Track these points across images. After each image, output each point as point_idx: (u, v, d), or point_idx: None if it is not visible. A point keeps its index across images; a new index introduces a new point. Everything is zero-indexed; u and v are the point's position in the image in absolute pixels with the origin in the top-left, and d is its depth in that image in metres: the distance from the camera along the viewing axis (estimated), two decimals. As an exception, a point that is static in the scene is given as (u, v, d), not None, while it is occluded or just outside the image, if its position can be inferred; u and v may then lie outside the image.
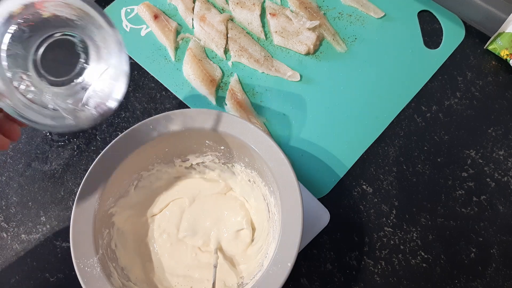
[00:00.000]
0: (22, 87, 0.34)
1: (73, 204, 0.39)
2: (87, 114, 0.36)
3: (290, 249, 0.37)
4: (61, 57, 0.36)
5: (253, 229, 0.46)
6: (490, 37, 0.56)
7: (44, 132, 0.55)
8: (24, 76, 0.35)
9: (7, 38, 0.33)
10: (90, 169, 0.40)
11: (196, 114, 0.42)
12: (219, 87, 0.56)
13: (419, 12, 0.60)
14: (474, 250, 0.47)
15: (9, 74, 0.34)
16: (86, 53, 0.36)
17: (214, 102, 0.55)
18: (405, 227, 0.48)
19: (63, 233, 0.49)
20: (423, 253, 0.47)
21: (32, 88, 0.35)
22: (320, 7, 0.61)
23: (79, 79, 0.36)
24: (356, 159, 0.51)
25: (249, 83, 0.56)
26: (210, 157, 0.46)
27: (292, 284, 0.46)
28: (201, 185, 0.48)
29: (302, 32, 0.58)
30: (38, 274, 0.48)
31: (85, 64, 0.36)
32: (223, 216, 0.47)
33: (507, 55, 0.54)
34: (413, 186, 0.50)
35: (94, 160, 0.40)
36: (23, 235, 0.50)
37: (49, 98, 0.36)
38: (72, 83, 0.36)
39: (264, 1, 0.61)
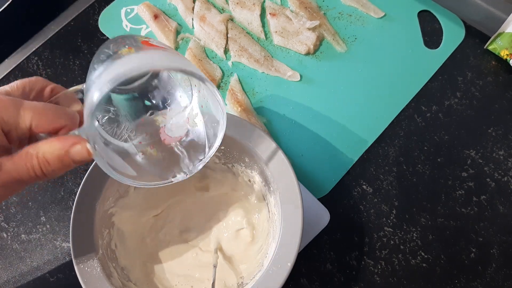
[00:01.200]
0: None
1: (73, 204, 0.39)
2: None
3: (290, 249, 0.37)
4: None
5: (253, 229, 0.46)
6: (490, 37, 0.56)
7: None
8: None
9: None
10: (90, 169, 0.40)
11: (196, 114, 0.42)
12: (219, 87, 0.56)
13: (419, 12, 0.60)
14: (474, 250, 0.47)
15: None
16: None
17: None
18: (405, 227, 0.48)
19: (63, 233, 0.49)
20: (423, 253, 0.47)
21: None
22: (320, 7, 0.61)
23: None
24: (356, 159, 0.51)
25: (249, 83, 0.56)
26: (210, 157, 0.46)
27: (292, 284, 0.46)
28: (201, 186, 0.48)
29: (302, 32, 0.58)
30: (38, 274, 0.48)
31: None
32: (223, 216, 0.47)
33: (507, 55, 0.54)
34: (413, 186, 0.50)
35: (94, 160, 0.40)
36: (23, 235, 0.49)
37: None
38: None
39: (264, 1, 0.62)
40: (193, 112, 0.36)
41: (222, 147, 0.44)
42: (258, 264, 0.42)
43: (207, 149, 0.36)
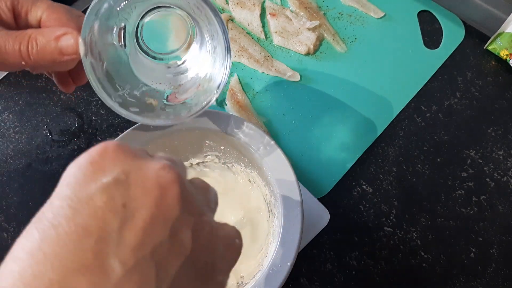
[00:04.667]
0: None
1: (73, 204, 0.39)
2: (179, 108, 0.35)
3: (290, 249, 0.37)
4: (165, 33, 0.35)
5: (253, 229, 0.46)
6: (490, 37, 0.56)
7: (44, 132, 0.55)
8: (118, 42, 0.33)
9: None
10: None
11: (196, 114, 0.42)
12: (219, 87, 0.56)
13: (419, 12, 0.60)
14: (474, 250, 0.47)
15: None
16: (194, 34, 0.35)
17: (214, 102, 0.55)
18: (405, 227, 0.48)
19: (64, 233, 0.49)
20: (423, 253, 0.47)
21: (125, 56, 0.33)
22: (320, 7, 0.61)
23: (182, 61, 0.35)
24: (356, 159, 0.51)
25: (249, 83, 0.56)
26: (210, 157, 0.46)
27: (292, 284, 0.46)
28: (201, 185, 0.48)
29: (302, 32, 0.58)
30: (39, 274, 0.48)
31: (191, 46, 0.35)
32: (223, 216, 0.47)
33: (506, 55, 0.55)
34: (413, 186, 0.50)
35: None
36: (23, 235, 0.50)
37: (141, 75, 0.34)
38: (172, 63, 0.35)
39: (264, 1, 0.62)
40: (206, 78, 0.36)
41: (222, 147, 0.44)
42: (258, 264, 0.42)
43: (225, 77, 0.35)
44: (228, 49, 0.32)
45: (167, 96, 0.36)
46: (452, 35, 0.58)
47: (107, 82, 0.32)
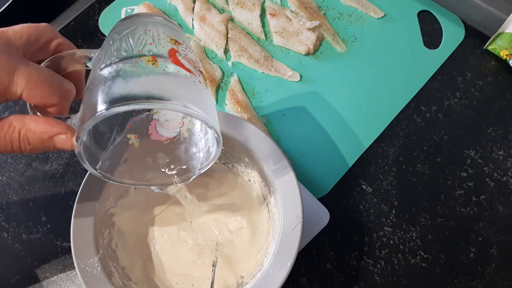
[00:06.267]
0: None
1: (73, 204, 0.39)
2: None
3: (290, 249, 0.37)
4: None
5: (253, 229, 0.46)
6: (490, 37, 0.56)
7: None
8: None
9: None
10: (90, 169, 0.40)
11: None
12: (219, 87, 0.56)
13: (419, 12, 0.60)
14: (473, 250, 0.47)
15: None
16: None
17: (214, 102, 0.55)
18: (404, 227, 0.48)
19: (64, 233, 0.49)
20: (422, 253, 0.47)
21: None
22: (320, 7, 0.61)
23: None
24: (356, 159, 0.51)
25: (249, 83, 0.57)
26: (210, 157, 0.46)
27: (292, 284, 0.46)
28: (201, 185, 0.48)
29: (302, 32, 0.58)
30: (39, 274, 0.48)
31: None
32: (223, 216, 0.47)
33: (506, 55, 0.55)
34: (413, 186, 0.50)
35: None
36: (23, 235, 0.50)
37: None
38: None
39: (264, 1, 0.62)
40: (189, 119, 0.36)
41: (223, 147, 0.44)
42: (258, 264, 0.42)
43: (196, 169, 0.35)
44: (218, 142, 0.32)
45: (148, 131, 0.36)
46: (452, 35, 0.58)
47: (95, 145, 0.32)
